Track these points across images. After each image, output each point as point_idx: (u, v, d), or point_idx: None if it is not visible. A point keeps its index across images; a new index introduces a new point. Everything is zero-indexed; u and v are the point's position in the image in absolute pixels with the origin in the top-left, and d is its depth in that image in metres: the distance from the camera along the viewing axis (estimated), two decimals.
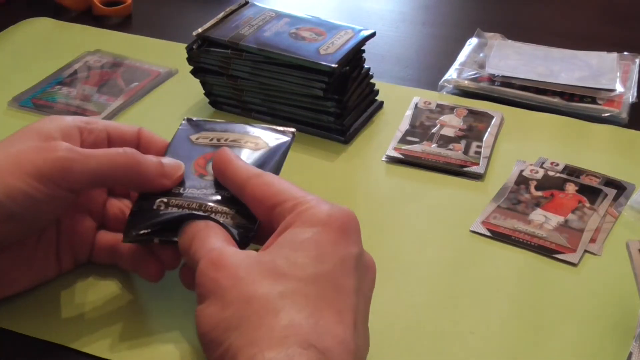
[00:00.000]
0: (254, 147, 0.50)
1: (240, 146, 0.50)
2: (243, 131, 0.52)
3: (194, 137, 0.52)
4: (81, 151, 0.45)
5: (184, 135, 0.52)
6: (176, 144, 0.52)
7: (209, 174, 0.48)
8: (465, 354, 0.46)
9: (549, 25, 0.87)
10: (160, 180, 0.47)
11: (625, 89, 0.71)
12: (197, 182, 0.48)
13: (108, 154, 0.46)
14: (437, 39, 0.85)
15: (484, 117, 0.68)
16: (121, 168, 0.46)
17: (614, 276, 0.52)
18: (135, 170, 0.46)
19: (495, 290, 0.51)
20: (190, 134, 0.52)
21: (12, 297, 0.49)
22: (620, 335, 0.47)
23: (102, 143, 0.49)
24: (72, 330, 0.47)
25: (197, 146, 0.51)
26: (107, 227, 0.51)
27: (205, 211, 0.45)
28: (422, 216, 0.58)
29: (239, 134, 0.51)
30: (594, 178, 0.61)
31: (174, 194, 0.47)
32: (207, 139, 0.51)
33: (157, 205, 0.46)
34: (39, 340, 0.47)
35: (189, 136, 0.52)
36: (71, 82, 0.74)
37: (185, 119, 0.54)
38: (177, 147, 0.51)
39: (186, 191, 0.47)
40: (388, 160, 0.64)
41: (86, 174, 0.44)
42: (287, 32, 0.65)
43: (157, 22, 0.87)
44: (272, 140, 0.51)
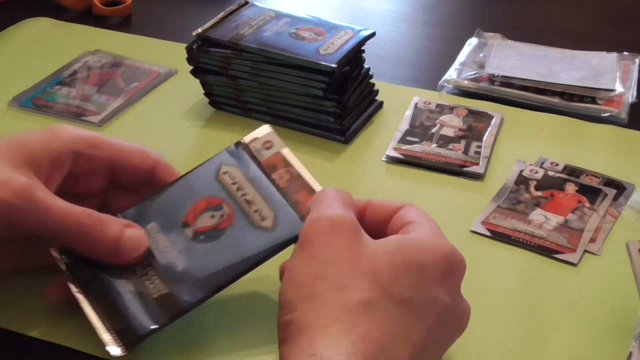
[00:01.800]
0: (257, 221, 0.47)
1: (246, 214, 0.47)
2: (265, 195, 0.48)
3: (223, 170, 0.49)
4: (36, 199, 0.42)
5: (216, 163, 0.50)
6: (201, 172, 0.50)
7: (195, 225, 0.47)
8: (465, 354, 0.46)
9: (549, 25, 0.87)
10: (110, 258, 0.44)
11: (625, 89, 0.71)
12: (174, 237, 0.47)
13: (63, 212, 0.42)
14: (437, 39, 0.85)
15: (484, 117, 0.68)
16: (71, 233, 0.43)
17: (614, 276, 0.52)
18: (88, 242, 0.44)
19: (495, 290, 0.51)
20: (225, 163, 0.49)
21: (11, 298, 0.49)
22: (620, 335, 0.47)
23: (100, 172, 0.47)
24: (72, 330, 0.47)
25: (216, 183, 0.49)
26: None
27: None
28: None
29: (257, 196, 0.48)
30: (593, 178, 0.61)
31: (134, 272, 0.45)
32: (230, 180, 0.49)
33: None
34: (39, 340, 0.47)
35: (221, 165, 0.49)
36: (71, 82, 0.74)
37: (236, 143, 0.50)
38: (198, 177, 0.49)
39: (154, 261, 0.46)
40: (388, 160, 0.64)
41: (30, 226, 0.42)
42: (287, 32, 0.65)
43: (157, 22, 0.87)
44: (284, 224, 0.46)
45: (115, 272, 0.45)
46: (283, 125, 0.67)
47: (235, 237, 0.46)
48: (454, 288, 0.41)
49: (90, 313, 0.44)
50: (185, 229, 0.47)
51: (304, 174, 0.48)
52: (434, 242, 0.40)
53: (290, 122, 0.67)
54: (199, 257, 0.46)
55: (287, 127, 0.67)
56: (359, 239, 0.40)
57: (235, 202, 0.48)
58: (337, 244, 0.39)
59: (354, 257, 0.39)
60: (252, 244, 0.46)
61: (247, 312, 0.49)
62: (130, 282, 0.45)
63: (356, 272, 0.38)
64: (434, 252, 0.40)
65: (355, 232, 0.40)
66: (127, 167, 0.48)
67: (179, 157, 0.65)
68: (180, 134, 0.68)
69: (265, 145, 0.50)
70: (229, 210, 0.47)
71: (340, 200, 0.43)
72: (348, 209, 0.42)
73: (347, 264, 0.38)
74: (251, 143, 0.50)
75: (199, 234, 0.47)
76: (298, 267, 0.39)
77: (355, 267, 0.38)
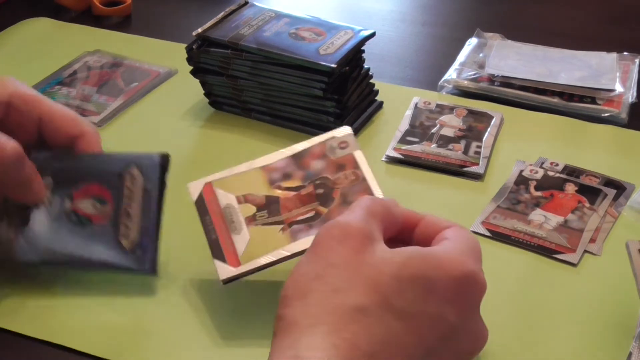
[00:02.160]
0: (120, 235, 0.50)
1: (117, 222, 0.50)
2: (145, 218, 0.50)
3: (130, 171, 0.51)
4: None
5: (131, 160, 0.51)
6: (114, 160, 0.52)
7: (76, 204, 0.50)
8: None
9: (549, 25, 0.87)
10: None
11: (625, 89, 0.71)
12: (55, 201, 0.50)
13: None
14: (437, 39, 0.85)
15: (484, 117, 0.68)
16: None
17: (614, 276, 0.52)
18: None
19: (495, 290, 0.51)
20: (137, 165, 0.51)
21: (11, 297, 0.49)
22: (620, 335, 0.47)
23: (29, 127, 0.51)
24: (72, 330, 0.47)
25: (116, 178, 0.50)
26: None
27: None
28: None
29: (138, 214, 0.50)
30: (593, 178, 0.61)
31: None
32: (128, 183, 0.51)
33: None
34: (39, 340, 0.47)
35: (132, 165, 0.51)
36: (71, 82, 0.74)
37: (163, 155, 0.52)
38: (108, 162, 0.52)
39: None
40: (388, 160, 0.64)
41: None
42: (287, 32, 0.65)
43: (157, 22, 0.87)
44: (138, 254, 0.49)
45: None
46: (283, 126, 0.67)
47: (95, 236, 0.49)
48: (466, 309, 0.40)
49: None
50: (67, 201, 0.50)
51: (369, 178, 0.50)
52: (453, 259, 0.39)
53: (290, 122, 0.67)
54: (57, 229, 0.49)
55: (287, 127, 0.67)
56: (369, 247, 0.39)
57: (117, 206, 0.50)
58: (343, 249, 0.39)
59: (358, 264, 0.38)
60: (102, 252, 0.49)
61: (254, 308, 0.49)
62: None
63: (356, 278, 0.38)
64: (449, 269, 0.39)
65: (366, 240, 0.40)
66: (54, 129, 0.51)
67: (179, 157, 0.65)
68: (180, 134, 0.68)
69: (340, 145, 0.51)
70: (109, 211, 0.50)
71: (367, 209, 0.42)
72: (371, 219, 0.41)
73: (349, 269, 0.38)
74: (328, 140, 0.52)
75: (74, 212, 0.50)
76: (302, 265, 0.40)
77: (356, 272, 0.38)
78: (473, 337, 0.41)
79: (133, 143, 0.66)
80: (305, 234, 0.47)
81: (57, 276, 0.51)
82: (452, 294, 0.39)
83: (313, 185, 0.50)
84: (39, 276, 0.51)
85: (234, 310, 0.49)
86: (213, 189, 0.50)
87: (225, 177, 0.51)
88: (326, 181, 0.50)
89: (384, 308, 0.37)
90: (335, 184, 0.50)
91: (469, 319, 0.40)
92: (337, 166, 0.50)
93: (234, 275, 0.46)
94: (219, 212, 0.49)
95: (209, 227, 0.48)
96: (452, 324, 0.39)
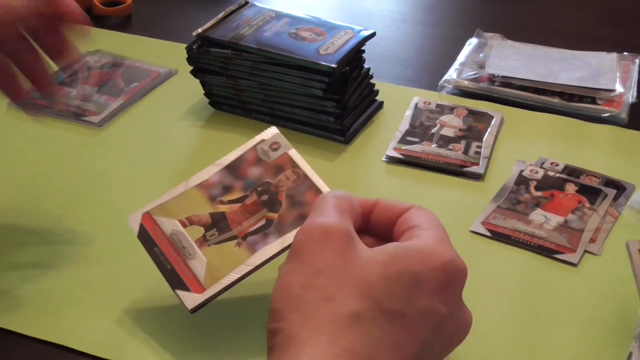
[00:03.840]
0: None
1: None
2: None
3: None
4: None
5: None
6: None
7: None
8: (465, 354, 0.46)
9: (549, 25, 0.87)
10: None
11: (625, 89, 0.71)
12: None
13: None
14: (437, 39, 0.85)
15: (484, 117, 0.68)
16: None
17: (614, 276, 0.52)
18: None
19: (495, 290, 0.51)
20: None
21: (11, 297, 0.49)
22: (620, 335, 0.47)
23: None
24: (72, 330, 0.47)
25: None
26: None
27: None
28: None
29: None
30: (593, 178, 0.61)
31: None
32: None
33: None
34: (39, 340, 0.47)
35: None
36: (71, 82, 0.74)
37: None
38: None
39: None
40: (388, 160, 0.64)
41: None
42: (287, 32, 0.65)
43: (157, 22, 0.87)
44: None
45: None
46: (283, 126, 0.67)
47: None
48: (452, 297, 0.40)
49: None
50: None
51: (310, 175, 0.49)
52: (433, 250, 0.40)
53: (290, 122, 0.67)
54: None
55: (287, 127, 0.67)
56: (352, 248, 0.39)
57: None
58: (328, 253, 0.39)
59: (345, 267, 0.38)
60: None
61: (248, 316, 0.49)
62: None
63: (346, 282, 0.37)
64: (431, 262, 0.39)
65: (348, 241, 0.39)
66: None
67: (179, 158, 0.65)
68: (180, 134, 0.68)
69: (272, 147, 0.50)
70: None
71: (337, 207, 0.42)
72: (344, 216, 0.41)
73: (338, 273, 0.38)
74: (258, 145, 0.50)
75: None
76: (288, 275, 0.39)
77: (345, 277, 0.38)
78: (461, 322, 0.41)
79: (133, 143, 0.66)
80: (262, 244, 0.46)
81: (57, 276, 0.51)
82: (439, 285, 0.39)
83: (256, 192, 0.48)
84: (39, 276, 0.51)
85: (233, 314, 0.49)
86: (153, 218, 0.48)
87: (162, 203, 0.48)
88: (268, 186, 0.48)
89: (376, 310, 0.37)
90: (278, 187, 0.48)
91: (456, 305, 0.41)
92: (275, 168, 0.49)
93: (202, 302, 0.45)
94: (166, 241, 0.47)
95: (161, 258, 0.46)
96: (442, 315, 0.39)
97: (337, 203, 0.42)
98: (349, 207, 0.42)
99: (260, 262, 0.46)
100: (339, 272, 0.38)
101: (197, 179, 0.49)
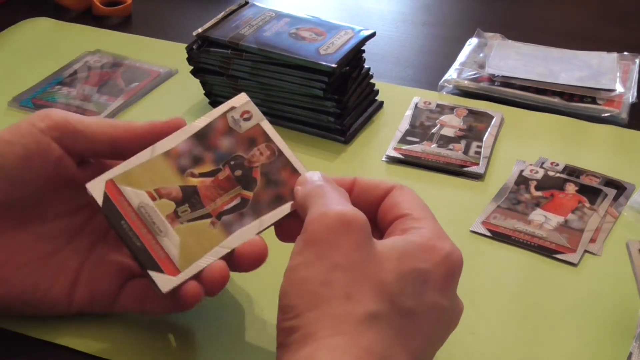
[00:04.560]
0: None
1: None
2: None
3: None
4: (71, 119, 0.45)
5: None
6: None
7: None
8: (465, 354, 0.46)
9: (549, 25, 0.87)
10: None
11: (625, 89, 0.71)
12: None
13: (97, 125, 0.45)
14: (437, 39, 0.85)
15: (484, 117, 0.68)
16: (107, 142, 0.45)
17: (614, 276, 0.52)
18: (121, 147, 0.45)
19: (495, 290, 0.51)
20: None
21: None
22: (620, 335, 0.47)
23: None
24: (72, 330, 0.47)
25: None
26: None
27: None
28: None
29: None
30: (594, 178, 0.61)
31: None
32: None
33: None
34: (39, 340, 0.47)
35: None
36: (71, 82, 0.74)
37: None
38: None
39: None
40: (388, 160, 0.64)
41: (73, 143, 0.44)
42: (287, 32, 0.65)
43: (157, 22, 0.87)
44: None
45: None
46: (283, 126, 0.67)
47: None
48: (453, 290, 0.40)
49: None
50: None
51: (285, 151, 0.46)
52: (435, 245, 0.39)
53: (290, 122, 0.67)
54: None
55: (287, 127, 0.67)
56: (369, 241, 0.38)
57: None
58: (346, 245, 0.37)
59: (362, 262, 0.37)
60: None
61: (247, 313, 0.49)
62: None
63: (365, 280, 0.37)
64: (435, 257, 0.39)
65: (366, 233, 0.38)
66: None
67: None
68: None
69: (243, 116, 0.47)
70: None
71: (340, 193, 0.41)
72: (349, 203, 0.40)
73: (356, 269, 0.37)
74: (228, 112, 0.47)
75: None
76: (303, 268, 0.37)
77: (363, 274, 0.37)
78: (457, 312, 0.41)
79: None
80: (238, 225, 0.43)
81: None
82: (442, 280, 0.39)
83: (229, 167, 0.45)
84: None
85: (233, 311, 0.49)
86: (117, 187, 0.43)
87: (127, 171, 0.44)
88: (242, 160, 0.45)
89: (391, 309, 0.37)
90: (252, 162, 0.45)
91: (454, 297, 0.41)
92: (248, 141, 0.46)
93: (177, 285, 0.42)
94: (133, 214, 0.43)
95: (129, 234, 0.42)
96: (444, 308, 0.39)
97: (337, 189, 0.41)
98: (346, 193, 0.42)
99: (238, 244, 0.43)
100: (357, 267, 0.37)
101: (165, 146, 0.45)
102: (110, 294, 0.46)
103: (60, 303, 0.46)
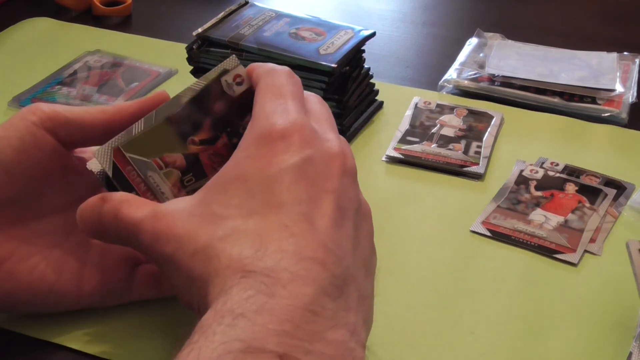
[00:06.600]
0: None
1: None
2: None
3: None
4: (61, 111, 0.44)
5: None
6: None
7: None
8: (465, 354, 0.46)
9: (549, 25, 0.87)
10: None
11: (625, 89, 0.71)
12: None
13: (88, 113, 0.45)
14: (437, 39, 0.85)
15: (484, 117, 0.68)
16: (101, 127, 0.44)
17: (614, 276, 0.52)
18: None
19: (495, 290, 0.51)
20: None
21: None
22: (620, 335, 0.47)
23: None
24: (72, 331, 0.47)
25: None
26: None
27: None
28: (422, 216, 0.58)
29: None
30: (594, 178, 0.61)
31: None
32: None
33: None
34: (39, 340, 0.47)
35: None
36: (71, 82, 0.74)
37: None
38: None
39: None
40: (388, 160, 0.64)
41: (66, 135, 0.44)
42: (287, 32, 0.65)
43: (157, 22, 0.88)
44: None
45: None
46: None
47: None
48: (292, 148, 0.38)
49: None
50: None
51: None
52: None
53: None
54: None
55: None
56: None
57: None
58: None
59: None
60: None
61: None
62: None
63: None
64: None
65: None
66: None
67: None
68: None
69: (236, 80, 0.44)
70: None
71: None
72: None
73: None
74: (222, 76, 0.44)
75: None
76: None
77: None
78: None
79: None
80: None
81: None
82: (266, 154, 0.38)
83: (226, 134, 0.43)
84: None
85: None
86: (125, 156, 0.41)
87: (133, 139, 0.42)
88: (237, 127, 0.44)
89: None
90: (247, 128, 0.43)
91: (304, 156, 0.38)
92: (241, 107, 0.44)
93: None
94: (142, 185, 0.41)
95: None
96: (290, 164, 0.37)
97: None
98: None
99: None
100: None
101: (165, 111, 0.43)
102: (120, 283, 0.46)
103: (69, 295, 0.46)
